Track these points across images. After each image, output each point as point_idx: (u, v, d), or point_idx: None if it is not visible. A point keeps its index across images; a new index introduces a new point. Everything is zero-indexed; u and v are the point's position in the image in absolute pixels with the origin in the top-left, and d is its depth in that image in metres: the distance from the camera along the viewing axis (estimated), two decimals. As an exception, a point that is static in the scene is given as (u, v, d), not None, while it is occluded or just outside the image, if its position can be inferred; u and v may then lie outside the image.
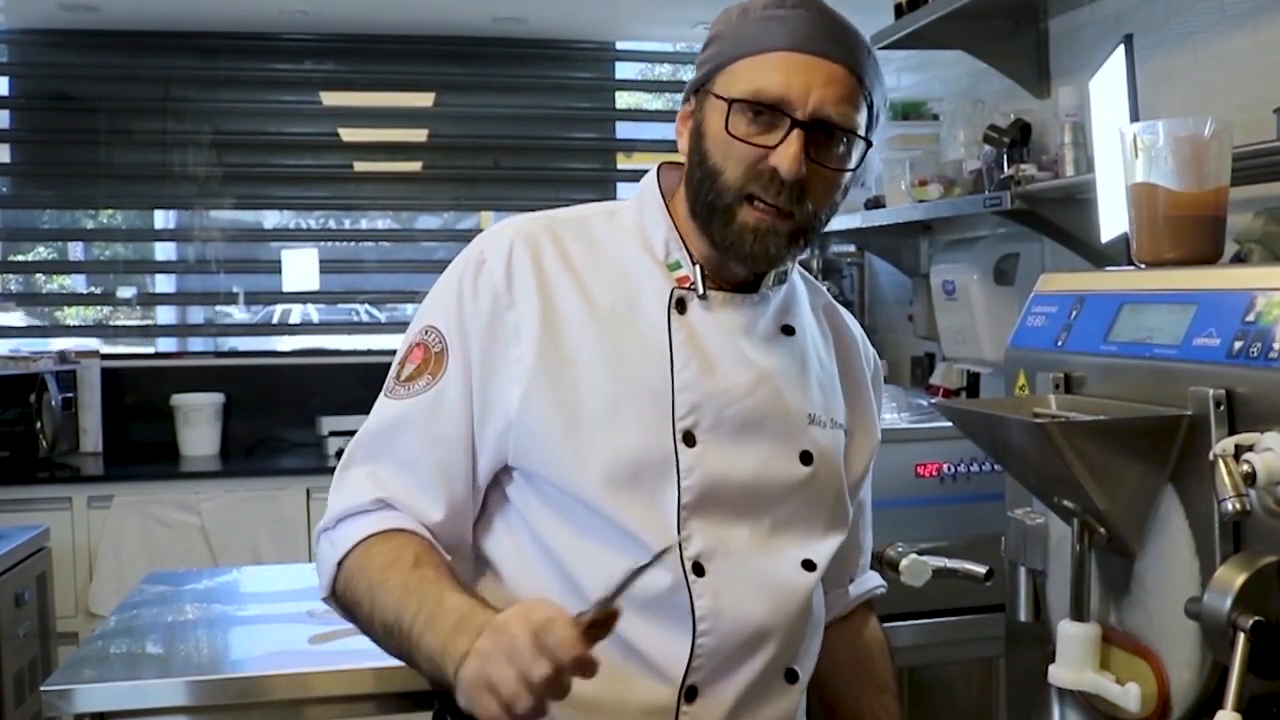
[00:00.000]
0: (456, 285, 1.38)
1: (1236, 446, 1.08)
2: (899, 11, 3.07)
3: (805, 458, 1.39)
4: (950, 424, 1.40)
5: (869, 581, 1.60)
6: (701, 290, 1.38)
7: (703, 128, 1.35)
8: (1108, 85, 2.03)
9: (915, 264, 3.79)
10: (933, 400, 2.74)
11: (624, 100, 5.09)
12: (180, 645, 2.06)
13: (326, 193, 4.82)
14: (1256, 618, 1.06)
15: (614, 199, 1.74)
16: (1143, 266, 1.38)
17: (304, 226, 5.03)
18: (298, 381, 4.56)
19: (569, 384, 1.33)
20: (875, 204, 3.55)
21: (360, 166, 4.78)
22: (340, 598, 1.36)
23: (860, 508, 1.54)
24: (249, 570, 2.89)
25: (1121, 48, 1.97)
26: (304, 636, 2.07)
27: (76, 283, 5.00)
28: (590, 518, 1.32)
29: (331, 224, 5.11)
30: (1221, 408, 1.14)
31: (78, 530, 3.90)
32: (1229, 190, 1.35)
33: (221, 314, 4.83)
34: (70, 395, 4.25)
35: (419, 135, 4.83)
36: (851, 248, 4.20)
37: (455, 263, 1.42)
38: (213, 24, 4.46)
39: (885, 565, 2.07)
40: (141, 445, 4.40)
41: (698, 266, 1.38)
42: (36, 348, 4.41)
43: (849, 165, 1.34)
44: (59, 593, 3.81)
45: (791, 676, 1.40)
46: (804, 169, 1.28)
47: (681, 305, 1.37)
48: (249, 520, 3.97)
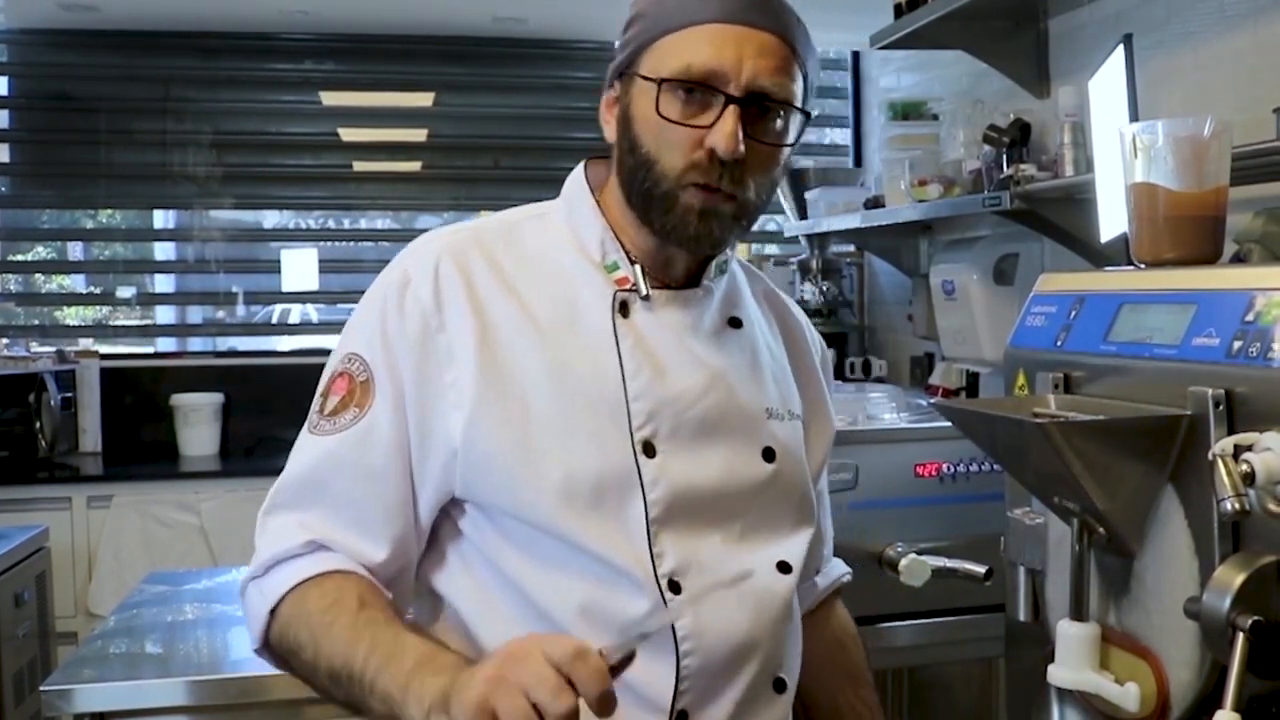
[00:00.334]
0: (380, 309, 1.28)
1: (1236, 446, 1.08)
2: (899, 11, 3.07)
3: (768, 454, 1.33)
4: (950, 424, 1.40)
5: (835, 570, 1.57)
6: (644, 291, 1.30)
7: (630, 113, 1.27)
8: (1107, 85, 2.03)
9: (915, 264, 3.79)
10: (932, 400, 2.74)
11: (624, 100, 5.09)
12: (180, 645, 2.06)
13: (326, 193, 4.82)
14: (1256, 617, 1.05)
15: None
16: (1142, 266, 1.38)
17: (304, 226, 5.03)
18: (297, 381, 4.48)
19: (515, 406, 1.25)
20: (875, 204, 3.55)
21: (360, 166, 4.78)
22: (275, 647, 1.27)
23: (820, 497, 1.49)
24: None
25: (1121, 48, 1.97)
26: (304, 636, 2.07)
27: (76, 282, 5.00)
28: (553, 545, 1.24)
29: (331, 224, 5.11)
30: (1221, 408, 1.13)
31: (77, 530, 3.90)
32: (1229, 190, 1.34)
33: (223, 313, 4.83)
34: (70, 395, 4.25)
35: (419, 135, 4.83)
36: (851, 248, 4.20)
37: (377, 284, 1.32)
38: (213, 24, 4.46)
39: (885, 565, 2.07)
40: (141, 445, 4.40)
41: (637, 266, 1.31)
42: (36, 348, 4.41)
43: (787, 140, 1.27)
44: (59, 593, 3.81)
45: (780, 686, 1.35)
46: (742, 147, 1.21)
47: (625, 309, 1.30)
48: (249, 520, 3.82)
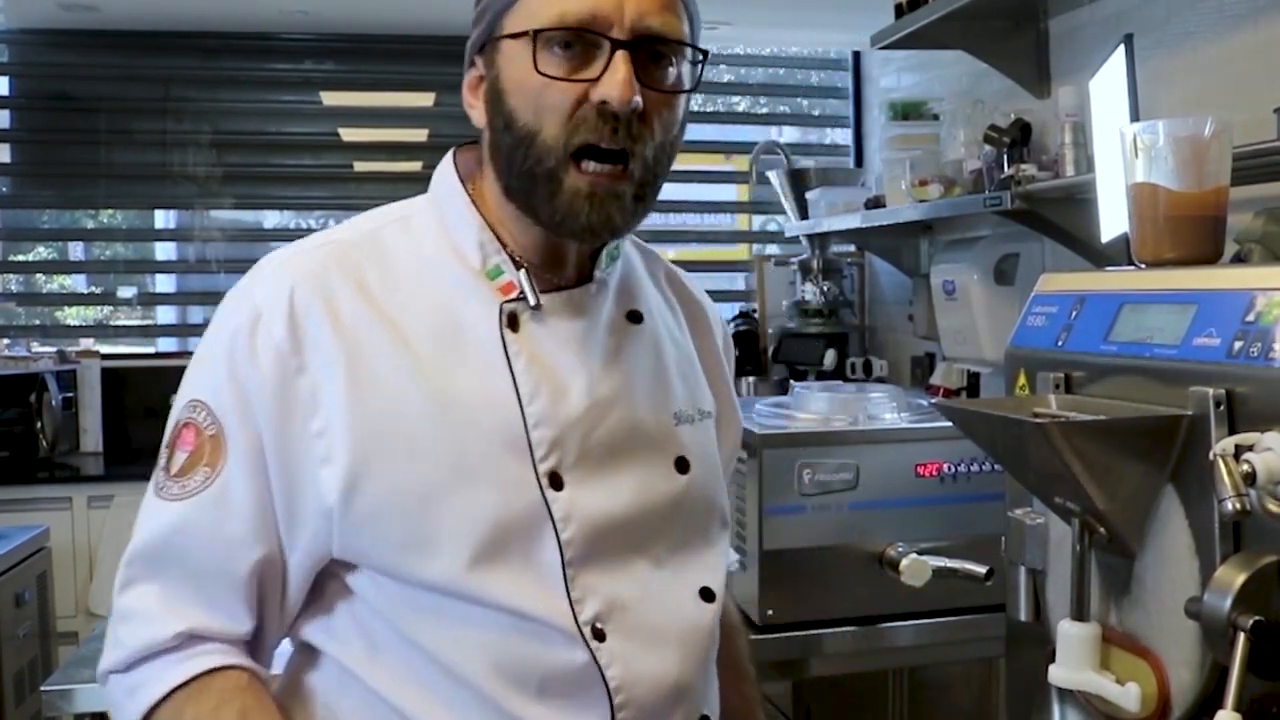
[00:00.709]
0: (228, 351, 1.12)
1: (1236, 446, 1.08)
2: (899, 11, 3.06)
3: (680, 465, 1.22)
4: (950, 424, 1.40)
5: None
6: (533, 300, 1.15)
7: (500, 85, 1.12)
8: (1108, 85, 2.02)
9: (915, 264, 3.79)
10: (933, 400, 2.74)
11: (624, 100, 5.09)
12: (180, 645, 2.06)
13: (326, 193, 4.82)
14: (1256, 617, 1.05)
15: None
16: (1143, 266, 1.38)
17: (304, 226, 5.03)
18: (297, 381, 4.54)
19: (398, 451, 1.09)
20: (875, 204, 3.55)
21: (360, 166, 4.78)
22: None
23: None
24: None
25: (1121, 48, 1.97)
26: (304, 636, 2.07)
27: (76, 282, 4.99)
28: (455, 603, 1.10)
29: (331, 224, 5.09)
30: (1221, 408, 1.13)
31: (78, 530, 3.89)
32: (1229, 190, 1.34)
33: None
34: (70, 395, 4.25)
35: (419, 135, 4.83)
36: (851, 248, 4.20)
37: (219, 321, 1.15)
38: (213, 24, 4.45)
39: (886, 565, 2.07)
40: (142, 445, 4.40)
41: (522, 270, 1.16)
42: (36, 348, 4.41)
43: (685, 86, 1.14)
44: (59, 593, 3.81)
45: None
46: (639, 96, 1.07)
47: (514, 322, 1.15)
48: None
